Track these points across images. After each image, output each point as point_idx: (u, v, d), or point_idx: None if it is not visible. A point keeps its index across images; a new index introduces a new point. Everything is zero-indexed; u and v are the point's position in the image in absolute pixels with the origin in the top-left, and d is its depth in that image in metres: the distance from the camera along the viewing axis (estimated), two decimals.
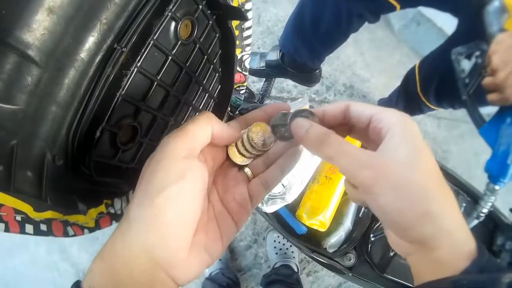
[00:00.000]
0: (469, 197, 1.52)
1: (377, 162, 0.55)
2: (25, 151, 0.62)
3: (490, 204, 1.29)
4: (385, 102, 2.85)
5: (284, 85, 3.01)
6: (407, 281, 1.43)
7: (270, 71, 2.52)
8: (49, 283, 2.81)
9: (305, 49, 2.24)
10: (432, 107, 2.35)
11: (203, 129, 0.63)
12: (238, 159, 0.72)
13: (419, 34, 3.55)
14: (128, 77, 0.67)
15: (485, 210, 1.29)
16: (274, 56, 2.47)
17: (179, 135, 0.60)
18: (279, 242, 2.67)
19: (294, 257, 2.62)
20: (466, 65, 1.51)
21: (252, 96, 1.75)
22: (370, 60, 3.40)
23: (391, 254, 1.45)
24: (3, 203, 0.60)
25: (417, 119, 3.19)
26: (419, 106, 2.43)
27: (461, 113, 3.49)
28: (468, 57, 1.51)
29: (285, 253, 2.63)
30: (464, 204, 1.49)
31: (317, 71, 2.51)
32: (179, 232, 0.55)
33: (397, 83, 2.74)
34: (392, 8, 1.82)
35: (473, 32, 1.51)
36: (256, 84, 2.94)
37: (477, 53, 1.47)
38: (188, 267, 0.57)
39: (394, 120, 0.59)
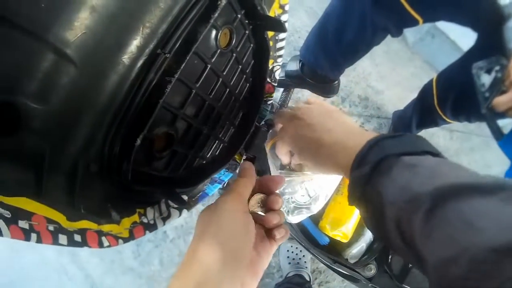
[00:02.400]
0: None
1: None
2: (57, 157, 0.60)
3: None
4: (400, 115, 2.85)
5: (299, 95, 3.00)
6: None
7: (289, 82, 2.52)
8: (58, 286, 2.79)
9: (326, 61, 2.24)
10: (448, 120, 2.34)
11: (248, 190, 0.83)
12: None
13: (433, 47, 3.54)
14: (171, 83, 0.65)
15: None
16: (294, 66, 2.49)
17: (234, 196, 0.79)
18: (292, 252, 2.65)
19: (306, 267, 2.61)
20: (486, 79, 1.53)
21: (271, 106, 1.74)
22: (385, 72, 3.40)
23: (410, 265, 1.44)
24: (34, 211, 0.58)
25: (431, 132, 3.18)
26: (434, 119, 2.42)
27: (474, 126, 3.48)
28: (488, 71, 1.52)
29: (298, 262, 2.61)
30: None
31: (336, 82, 2.50)
32: (242, 273, 0.71)
33: (411, 95, 2.73)
34: (415, 22, 1.79)
35: (493, 47, 1.53)
36: (273, 94, 2.83)
37: (497, 67, 1.49)
38: None
39: None
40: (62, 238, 0.63)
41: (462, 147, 3.47)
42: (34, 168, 0.58)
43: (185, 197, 0.98)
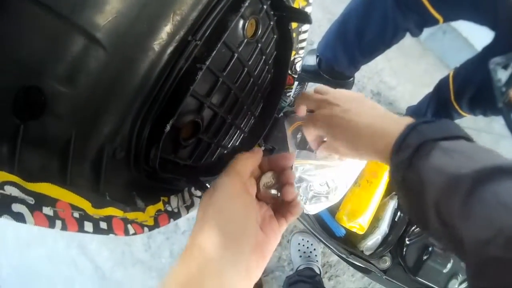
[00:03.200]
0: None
1: None
2: (83, 143, 0.61)
3: None
4: (414, 110, 2.84)
5: (313, 90, 2.97)
6: (437, 285, 1.46)
7: (305, 76, 2.55)
8: (67, 279, 2.80)
9: (345, 58, 2.23)
10: (463, 114, 2.34)
11: (245, 166, 0.79)
12: (267, 199, 0.84)
13: (445, 43, 3.52)
14: (202, 70, 0.65)
15: None
16: (311, 61, 2.49)
17: (230, 174, 0.75)
18: (303, 245, 2.65)
19: (317, 261, 2.61)
20: (503, 74, 1.54)
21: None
22: (397, 68, 3.38)
23: (425, 257, 1.45)
24: (59, 197, 0.57)
25: None
26: (450, 113, 2.41)
27: (483, 124, 3.45)
28: (505, 67, 1.53)
29: (309, 256, 2.61)
30: None
31: (352, 79, 2.53)
32: (245, 257, 0.68)
33: (423, 91, 2.72)
34: (436, 22, 1.83)
35: (510, 44, 1.57)
36: (293, 86, 2.82)
37: None
38: (243, 285, 0.68)
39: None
40: (88, 225, 0.62)
41: None
42: (59, 153, 0.58)
43: (208, 186, 0.97)
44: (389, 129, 0.79)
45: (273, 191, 0.85)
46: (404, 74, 3.38)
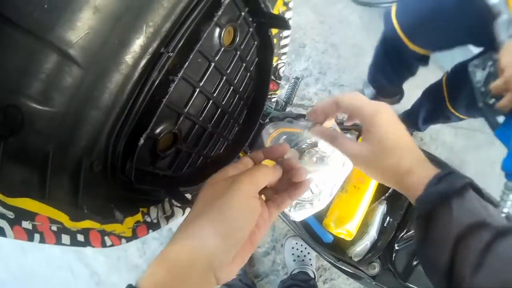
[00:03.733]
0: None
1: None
2: (61, 157, 0.60)
3: (509, 203, 1.33)
4: (408, 113, 2.88)
5: (305, 92, 3.00)
6: None
7: None
8: (63, 283, 2.80)
9: (389, 84, 2.79)
10: (462, 116, 2.38)
11: (266, 180, 0.75)
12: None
13: None
14: (175, 82, 0.65)
15: (505, 210, 1.31)
16: (369, 92, 3.03)
17: (249, 180, 0.71)
18: (297, 249, 2.65)
19: (311, 264, 2.61)
20: (480, 75, 1.62)
21: (276, 103, 1.74)
22: None
23: (415, 263, 1.44)
24: (38, 211, 0.58)
25: (436, 128, 3.17)
26: (447, 116, 2.48)
27: (478, 124, 3.45)
28: (483, 68, 1.60)
29: (303, 260, 2.61)
30: None
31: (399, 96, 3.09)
32: (238, 247, 0.68)
33: (417, 92, 2.74)
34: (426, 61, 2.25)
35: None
36: (278, 91, 2.83)
37: (490, 63, 1.57)
38: (230, 270, 0.70)
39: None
40: (65, 238, 0.63)
41: (467, 144, 3.45)
42: (39, 168, 0.58)
43: (188, 196, 0.97)
44: (418, 160, 0.81)
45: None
46: None
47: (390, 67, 2.45)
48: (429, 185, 0.74)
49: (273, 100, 1.28)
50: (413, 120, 2.84)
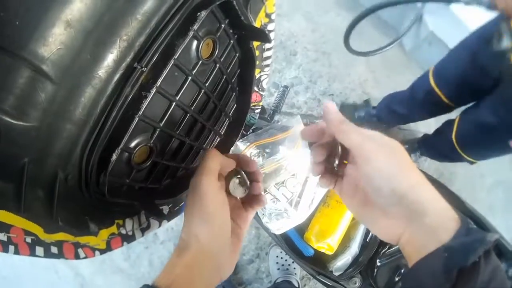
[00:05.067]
0: (475, 225, 1.49)
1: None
2: (36, 169, 0.60)
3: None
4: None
5: (294, 101, 3.01)
6: None
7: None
8: (48, 284, 2.80)
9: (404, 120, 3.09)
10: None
11: (216, 163, 0.84)
12: (237, 195, 0.94)
13: (431, 54, 3.53)
14: (147, 99, 0.64)
15: None
16: (362, 114, 3.18)
17: (206, 173, 0.81)
18: (281, 258, 2.65)
19: (295, 274, 2.61)
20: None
21: (264, 111, 1.74)
22: (381, 79, 3.40)
23: (396, 279, 1.43)
24: (13, 223, 0.58)
25: None
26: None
27: None
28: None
29: (287, 269, 2.61)
30: None
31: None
32: (228, 242, 0.84)
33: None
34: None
35: None
36: (266, 99, 2.88)
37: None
38: (228, 266, 0.85)
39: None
40: (39, 250, 0.64)
41: None
42: (14, 180, 0.58)
43: (166, 208, 0.97)
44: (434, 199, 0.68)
45: (240, 190, 0.94)
46: (387, 85, 3.39)
47: (417, 110, 2.76)
48: (458, 235, 0.63)
49: (256, 111, 1.27)
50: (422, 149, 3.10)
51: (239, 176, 0.93)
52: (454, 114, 2.55)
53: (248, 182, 0.94)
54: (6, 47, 0.47)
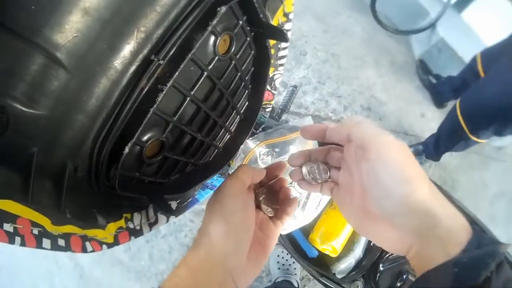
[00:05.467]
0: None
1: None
2: (45, 160, 0.59)
3: None
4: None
5: (302, 100, 2.99)
6: None
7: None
8: (47, 273, 2.80)
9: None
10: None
11: (248, 175, 0.87)
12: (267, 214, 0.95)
13: (440, 61, 3.53)
14: (163, 92, 0.63)
15: None
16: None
17: (232, 177, 0.85)
18: (282, 258, 2.64)
19: (296, 274, 2.61)
20: None
21: (272, 110, 1.74)
22: (389, 83, 3.39)
23: (398, 284, 1.42)
24: (19, 214, 0.57)
25: None
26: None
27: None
28: None
29: (288, 268, 2.61)
30: None
31: None
32: (245, 246, 0.80)
33: (414, 108, 2.77)
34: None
35: None
36: (275, 98, 2.80)
37: None
38: (246, 274, 0.81)
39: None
40: (46, 242, 0.62)
41: (461, 164, 3.45)
42: (22, 170, 0.57)
43: (174, 203, 0.97)
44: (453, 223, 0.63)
45: (270, 210, 0.94)
46: (396, 90, 3.39)
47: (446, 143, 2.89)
48: (469, 247, 0.59)
49: (267, 110, 1.27)
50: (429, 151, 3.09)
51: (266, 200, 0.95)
52: None
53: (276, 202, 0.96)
54: (21, 32, 0.46)
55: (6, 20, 0.44)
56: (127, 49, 0.58)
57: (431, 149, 2.97)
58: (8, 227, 0.55)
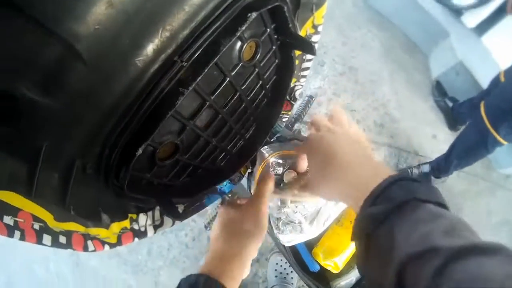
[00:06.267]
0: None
1: None
2: (54, 154, 0.57)
3: None
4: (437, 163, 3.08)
5: (316, 111, 2.96)
6: None
7: None
8: (43, 258, 2.80)
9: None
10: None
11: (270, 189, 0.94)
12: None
13: (456, 83, 3.51)
14: (184, 95, 0.61)
15: None
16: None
17: (263, 195, 0.92)
18: (281, 266, 2.63)
19: (292, 284, 2.59)
20: None
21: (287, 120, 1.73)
22: (404, 101, 3.36)
23: None
24: (21, 207, 0.56)
25: None
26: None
27: (481, 170, 3.44)
28: None
29: (285, 277, 2.59)
30: None
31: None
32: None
33: (426, 129, 2.76)
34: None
35: None
36: (290, 112, 2.80)
37: None
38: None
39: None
40: (47, 239, 0.61)
41: (468, 189, 3.42)
42: (29, 162, 0.55)
43: (181, 207, 0.95)
44: (367, 176, 0.76)
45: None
46: (410, 108, 3.36)
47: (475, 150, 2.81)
48: (365, 206, 0.71)
49: (284, 119, 1.25)
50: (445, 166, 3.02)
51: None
52: None
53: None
54: (40, 20, 0.44)
55: (26, 7, 0.42)
56: (151, 47, 0.56)
57: (442, 165, 2.93)
58: (8, 220, 0.54)
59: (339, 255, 1.35)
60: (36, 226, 0.58)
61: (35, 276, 2.81)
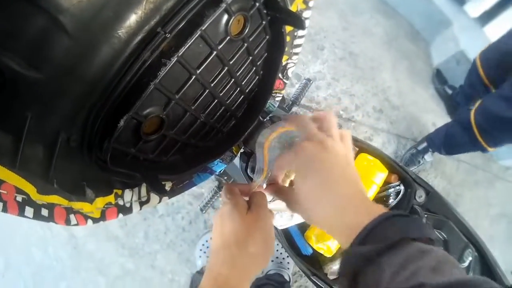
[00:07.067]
0: (476, 252, 1.46)
1: None
2: (38, 126, 0.57)
3: None
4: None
5: (314, 95, 2.96)
6: None
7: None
8: (41, 240, 2.81)
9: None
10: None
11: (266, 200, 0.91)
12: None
13: (457, 72, 3.50)
14: (166, 67, 0.61)
15: None
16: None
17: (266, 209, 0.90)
18: (277, 251, 2.63)
19: (288, 268, 2.60)
20: None
21: (283, 100, 1.72)
22: (404, 88, 3.35)
23: None
24: (5, 179, 0.55)
25: (438, 157, 3.15)
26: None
27: (481, 161, 3.44)
28: None
29: (281, 262, 2.60)
30: (470, 258, 1.43)
31: None
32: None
33: (426, 116, 2.74)
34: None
35: None
36: (287, 89, 2.81)
37: None
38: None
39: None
40: (29, 211, 0.61)
41: (467, 179, 3.42)
42: (13, 133, 0.55)
43: (169, 184, 0.95)
44: (360, 213, 0.73)
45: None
46: (409, 96, 3.35)
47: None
48: (355, 244, 0.69)
49: (277, 99, 1.24)
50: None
51: None
52: None
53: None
54: None
55: None
56: (133, 18, 0.56)
57: (441, 138, 2.88)
58: None
59: (332, 239, 1.34)
60: (19, 198, 0.58)
61: (33, 258, 2.82)
